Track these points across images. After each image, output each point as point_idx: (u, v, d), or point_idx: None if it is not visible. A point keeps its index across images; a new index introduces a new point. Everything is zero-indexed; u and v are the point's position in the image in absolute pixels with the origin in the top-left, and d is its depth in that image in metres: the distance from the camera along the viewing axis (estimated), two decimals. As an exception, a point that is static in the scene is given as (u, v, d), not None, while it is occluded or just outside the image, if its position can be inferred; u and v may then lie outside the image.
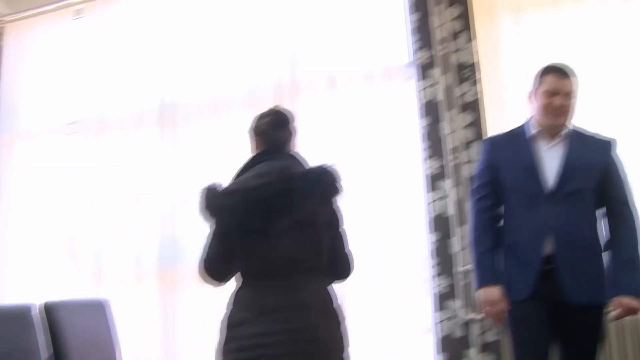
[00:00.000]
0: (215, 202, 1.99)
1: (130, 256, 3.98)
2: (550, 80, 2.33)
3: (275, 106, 2.30)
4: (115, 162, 4.17)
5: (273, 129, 2.18)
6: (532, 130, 2.39)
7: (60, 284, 4.18)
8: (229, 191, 2.01)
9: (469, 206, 2.78)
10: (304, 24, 3.79)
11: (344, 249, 2.15)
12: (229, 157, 3.77)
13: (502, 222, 2.41)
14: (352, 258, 2.16)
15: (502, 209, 2.40)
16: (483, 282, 2.31)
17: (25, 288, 4.25)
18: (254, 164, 2.09)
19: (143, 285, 3.90)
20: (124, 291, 3.91)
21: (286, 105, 3.61)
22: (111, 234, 4.09)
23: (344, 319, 2.06)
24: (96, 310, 3.09)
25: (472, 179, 2.64)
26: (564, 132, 2.36)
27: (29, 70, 4.65)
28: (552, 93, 2.31)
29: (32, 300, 2.82)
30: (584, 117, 2.51)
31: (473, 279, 2.39)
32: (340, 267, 2.15)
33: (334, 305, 2.04)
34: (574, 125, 2.38)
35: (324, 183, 2.05)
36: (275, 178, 2.01)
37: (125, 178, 4.10)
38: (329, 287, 2.08)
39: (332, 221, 2.13)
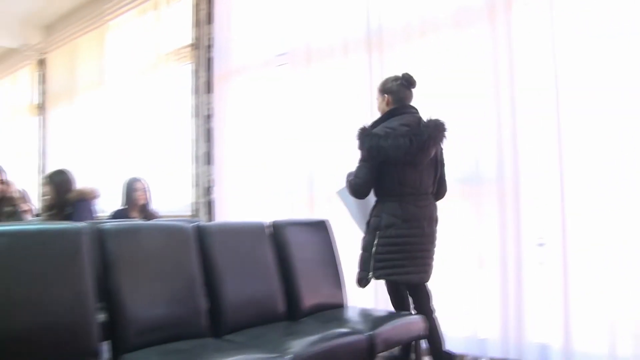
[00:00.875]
0: (375, 141, 2.93)
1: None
2: None
3: (403, 74, 3.20)
4: (325, 90, 4.33)
5: (404, 89, 3.15)
6: None
7: (281, 208, 4.57)
8: (386, 133, 2.93)
9: None
10: None
11: (445, 179, 3.20)
12: (437, 80, 3.73)
13: None
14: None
15: None
16: None
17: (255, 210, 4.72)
18: (396, 115, 3.06)
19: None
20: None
21: (500, 22, 3.49)
22: (322, 161, 4.31)
23: None
24: (318, 229, 3.28)
25: None
26: None
27: (238, 7, 4.96)
28: None
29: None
30: None
31: None
32: (442, 192, 3.22)
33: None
34: None
35: (442, 130, 3.00)
36: (416, 127, 2.98)
37: (334, 106, 4.25)
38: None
39: (442, 159, 3.17)
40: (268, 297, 2.79)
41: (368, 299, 3.86)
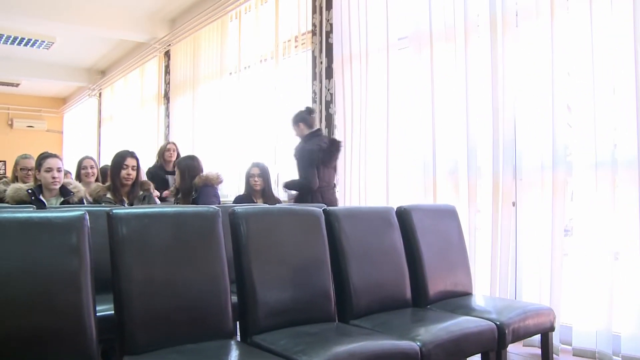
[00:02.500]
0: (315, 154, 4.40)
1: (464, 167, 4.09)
2: None
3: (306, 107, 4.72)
4: (446, 73, 4.21)
5: (311, 117, 4.62)
6: None
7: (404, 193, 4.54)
8: (318, 147, 4.43)
9: None
10: None
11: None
12: (571, 58, 3.51)
13: None
14: None
15: None
16: None
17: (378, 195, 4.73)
18: (315, 136, 4.54)
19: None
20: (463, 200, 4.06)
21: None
22: (443, 145, 4.22)
23: None
24: (445, 215, 3.21)
25: None
26: None
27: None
28: None
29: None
30: None
31: None
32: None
33: None
34: None
35: (339, 146, 4.64)
36: (328, 143, 4.57)
37: (456, 88, 4.13)
38: None
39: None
40: (394, 283, 2.76)
41: (493, 288, 3.76)
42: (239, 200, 4.71)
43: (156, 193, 4.73)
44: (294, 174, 4.65)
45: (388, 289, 2.73)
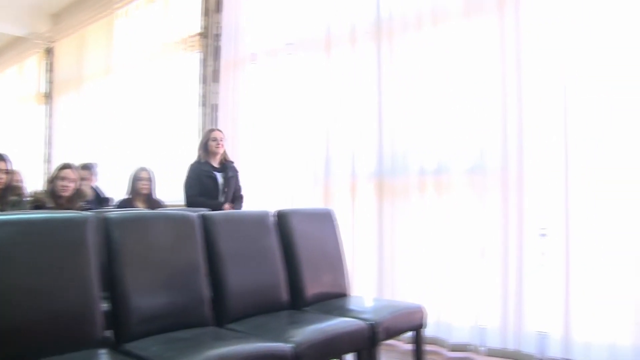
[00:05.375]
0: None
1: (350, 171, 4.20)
2: None
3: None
4: (333, 79, 4.33)
5: None
6: None
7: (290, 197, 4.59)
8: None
9: None
10: None
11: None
12: (445, 70, 3.73)
13: None
14: None
15: None
16: None
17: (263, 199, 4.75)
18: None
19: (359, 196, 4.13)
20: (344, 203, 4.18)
21: (509, 9, 3.47)
22: (332, 150, 4.32)
23: None
24: (323, 219, 3.27)
25: None
26: None
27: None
28: None
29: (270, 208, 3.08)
30: None
31: None
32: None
33: None
34: None
35: None
36: None
37: (343, 95, 4.25)
38: None
39: None
40: (271, 286, 2.80)
41: (371, 288, 3.91)
42: (122, 204, 4.58)
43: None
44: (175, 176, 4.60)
45: (265, 292, 2.76)
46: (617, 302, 3.09)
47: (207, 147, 4.28)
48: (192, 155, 4.47)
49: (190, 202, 4.16)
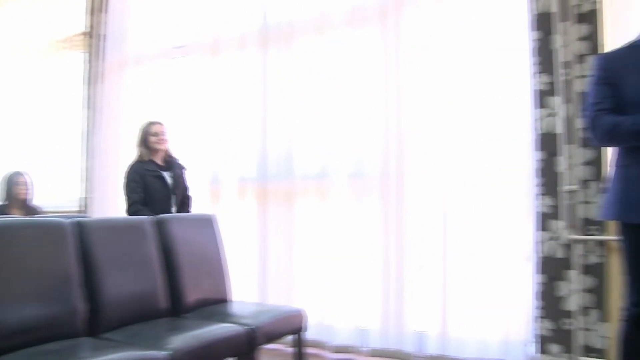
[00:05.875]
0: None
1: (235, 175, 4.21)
2: None
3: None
4: (220, 84, 4.30)
5: None
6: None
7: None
8: None
9: (579, 124, 2.69)
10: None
11: None
12: (332, 75, 3.83)
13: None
14: None
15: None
16: None
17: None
18: None
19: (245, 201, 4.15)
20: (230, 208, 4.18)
21: (391, 21, 3.63)
22: (218, 154, 4.31)
23: None
24: (204, 225, 3.26)
25: (584, 96, 2.49)
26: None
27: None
28: None
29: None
30: None
31: None
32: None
33: None
34: None
35: None
36: None
37: (229, 100, 4.24)
38: None
39: None
40: (150, 294, 2.76)
41: (255, 293, 3.93)
42: (-4, 211, 4.32)
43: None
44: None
45: (143, 299, 2.72)
46: (487, 301, 3.31)
47: (147, 143, 3.75)
48: (76, 158, 4.27)
49: (134, 210, 3.58)
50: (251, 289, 4.00)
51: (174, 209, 3.71)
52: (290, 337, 3.06)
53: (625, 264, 2.35)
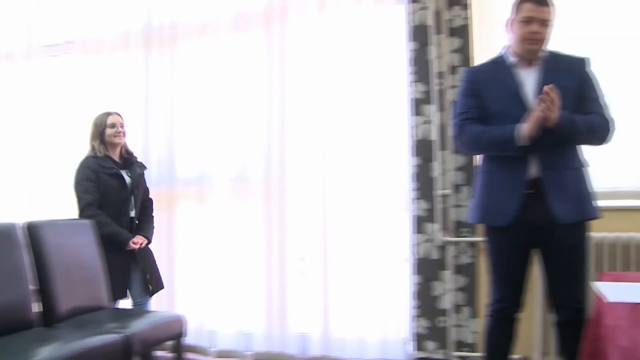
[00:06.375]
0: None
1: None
2: (527, 7, 2.33)
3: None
4: (98, 84, 4.12)
5: None
6: (511, 59, 2.41)
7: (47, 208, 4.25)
8: None
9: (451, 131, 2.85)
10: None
11: None
12: (216, 79, 3.80)
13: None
14: None
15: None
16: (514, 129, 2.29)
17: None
18: None
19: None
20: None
21: (275, 28, 3.66)
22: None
23: None
24: (80, 230, 3.10)
25: (454, 105, 2.65)
26: (541, 56, 2.38)
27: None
28: (528, 20, 2.31)
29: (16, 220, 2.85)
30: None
31: (505, 140, 2.32)
32: None
33: None
34: (549, 49, 2.40)
35: None
36: None
37: (109, 102, 4.07)
38: None
39: None
40: (17, 305, 2.59)
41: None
42: None
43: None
44: None
45: (11, 310, 2.55)
46: (367, 302, 3.42)
47: (103, 136, 3.31)
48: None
49: (89, 214, 3.16)
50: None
51: (132, 212, 3.31)
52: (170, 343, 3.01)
53: (488, 263, 2.51)
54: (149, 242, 3.35)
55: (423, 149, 3.31)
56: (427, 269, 3.30)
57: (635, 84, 3.08)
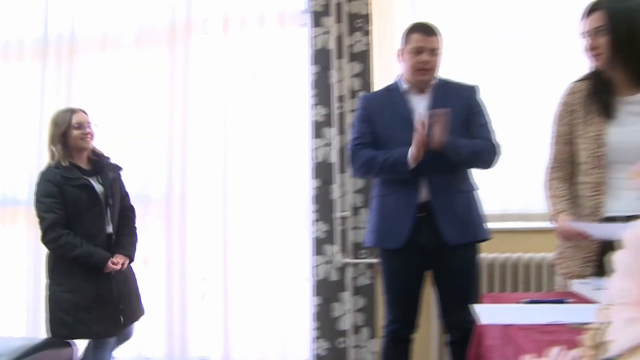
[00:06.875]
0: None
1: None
2: (416, 38, 2.42)
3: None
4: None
5: None
6: (404, 86, 2.49)
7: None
8: None
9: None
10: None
11: None
12: (115, 95, 3.69)
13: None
14: None
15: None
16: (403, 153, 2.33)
17: None
18: None
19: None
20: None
21: (179, 46, 3.61)
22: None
23: None
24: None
25: (351, 129, 2.71)
26: (432, 84, 2.47)
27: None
28: (418, 51, 2.40)
29: None
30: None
31: (395, 164, 2.38)
32: None
33: None
34: (440, 77, 2.50)
35: None
36: None
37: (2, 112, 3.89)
38: None
39: None
40: None
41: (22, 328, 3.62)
42: None
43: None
44: None
45: None
46: (268, 324, 3.43)
47: (66, 140, 2.77)
48: None
49: (54, 237, 2.68)
50: (21, 323, 3.66)
51: (109, 227, 2.82)
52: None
53: (383, 285, 2.56)
54: (131, 260, 2.88)
55: (323, 172, 3.34)
56: (327, 290, 3.32)
57: (522, 111, 3.24)
